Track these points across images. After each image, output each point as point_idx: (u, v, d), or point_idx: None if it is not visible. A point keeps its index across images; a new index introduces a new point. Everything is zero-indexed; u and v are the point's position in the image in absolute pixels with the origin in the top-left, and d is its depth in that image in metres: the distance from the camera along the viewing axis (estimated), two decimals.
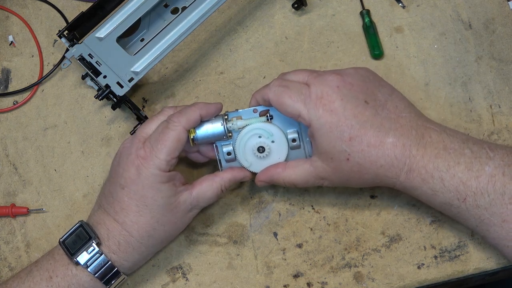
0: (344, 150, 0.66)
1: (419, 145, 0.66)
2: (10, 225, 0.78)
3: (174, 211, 0.69)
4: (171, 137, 0.68)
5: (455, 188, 0.65)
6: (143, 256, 0.71)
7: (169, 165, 0.68)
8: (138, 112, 0.77)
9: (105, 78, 0.75)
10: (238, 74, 0.82)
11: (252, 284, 0.74)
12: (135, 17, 0.78)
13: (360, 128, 0.65)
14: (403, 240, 0.74)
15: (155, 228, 0.69)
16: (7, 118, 0.83)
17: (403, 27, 0.83)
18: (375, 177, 0.67)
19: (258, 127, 0.71)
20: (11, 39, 0.85)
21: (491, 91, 0.79)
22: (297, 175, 0.70)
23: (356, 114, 0.66)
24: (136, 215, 0.68)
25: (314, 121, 0.66)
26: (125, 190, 0.68)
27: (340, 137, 0.65)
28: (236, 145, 0.71)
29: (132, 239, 0.69)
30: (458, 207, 0.65)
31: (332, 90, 0.66)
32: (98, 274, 0.68)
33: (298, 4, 0.83)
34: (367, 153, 0.65)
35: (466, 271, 0.73)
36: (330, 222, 0.76)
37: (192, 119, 0.69)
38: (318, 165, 0.68)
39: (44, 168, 0.80)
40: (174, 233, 0.72)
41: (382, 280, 0.73)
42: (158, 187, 0.68)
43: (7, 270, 0.77)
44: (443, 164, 0.65)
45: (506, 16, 0.82)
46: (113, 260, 0.69)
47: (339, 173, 0.68)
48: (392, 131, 0.66)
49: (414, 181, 0.66)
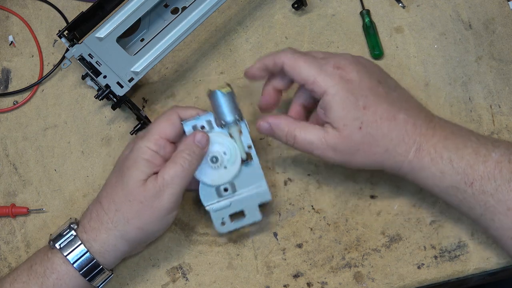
0: (357, 117, 0.66)
1: (428, 126, 0.67)
2: (10, 225, 0.78)
3: (141, 189, 0.67)
4: (163, 118, 0.70)
5: (463, 171, 0.65)
6: (110, 237, 0.68)
7: (156, 144, 0.68)
8: (138, 112, 0.77)
9: (105, 78, 0.75)
10: (238, 74, 0.82)
11: (252, 284, 0.74)
12: (135, 17, 0.78)
13: (374, 100, 0.66)
14: (403, 240, 0.74)
15: (123, 201, 0.67)
16: (7, 118, 0.83)
17: (403, 27, 0.83)
18: (384, 151, 0.67)
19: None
20: (11, 39, 0.85)
21: (491, 91, 0.79)
22: (307, 133, 0.68)
23: (371, 87, 0.67)
24: (112, 186, 0.69)
25: (330, 87, 0.66)
26: (116, 167, 0.71)
27: (355, 104, 0.66)
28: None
29: (102, 211, 0.68)
30: (465, 191, 0.65)
31: (349, 62, 0.68)
32: (68, 255, 0.68)
33: (298, 4, 0.83)
34: (379, 125, 0.66)
35: (466, 271, 0.73)
36: (330, 222, 0.76)
37: (188, 111, 0.71)
38: (330, 131, 0.67)
39: (44, 168, 0.80)
40: (142, 218, 0.68)
41: (382, 280, 0.73)
42: (137, 160, 0.68)
43: (7, 270, 0.77)
44: (452, 146, 0.66)
45: (506, 16, 0.82)
46: (84, 240, 0.68)
47: (349, 142, 0.67)
48: (403, 109, 0.67)
49: (423, 160, 0.66)
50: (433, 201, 0.75)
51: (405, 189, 0.76)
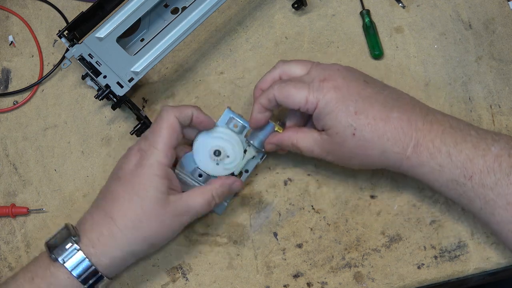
0: (350, 124, 0.66)
1: (424, 121, 0.67)
2: (10, 225, 0.78)
3: (162, 209, 0.68)
4: (163, 125, 0.69)
5: (462, 164, 0.65)
6: (123, 253, 0.68)
7: (167, 157, 0.68)
8: (138, 112, 0.77)
9: (105, 78, 0.75)
10: (238, 74, 0.82)
11: (252, 284, 0.74)
12: (135, 17, 0.78)
13: (365, 103, 0.67)
14: (403, 240, 0.74)
15: (141, 220, 0.67)
16: (7, 118, 0.83)
17: (403, 27, 0.83)
18: (381, 153, 0.67)
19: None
20: (11, 39, 0.85)
21: (491, 91, 0.79)
22: (306, 141, 0.70)
23: (359, 91, 0.67)
24: (126, 203, 0.67)
25: (320, 100, 0.67)
26: (121, 180, 0.69)
27: (345, 111, 0.66)
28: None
29: (116, 228, 0.67)
30: (464, 185, 0.65)
31: (333, 72, 0.69)
32: (74, 271, 0.66)
33: (298, 4, 0.83)
34: (374, 127, 0.66)
35: (466, 271, 0.73)
36: (330, 222, 0.76)
37: (184, 112, 0.70)
38: (324, 138, 0.69)
39: (44, 168, 0.80)
40: (159, 235, 0.69)
41: (382, 280, 0.73)
42: (153, 178, 0.67)
43: (7, 270, 0.77)
44: (450, 140, 0.66)
45: (506, 16, 0.82)
46: (91, 254, 0.67)
47: (344, 149, 0.68)
48: (396, 107, 0.67)
49: (421, 155, 0.66)
50: (433, 201, 0.75)
51: (405, 189, 0.76)
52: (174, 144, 0.69)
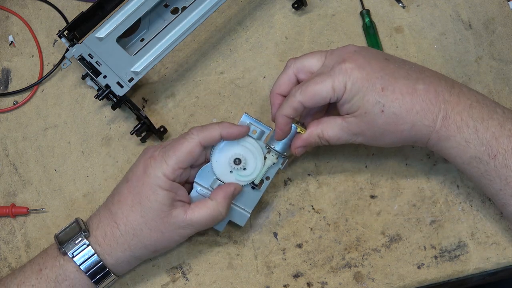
0: (377, 101, 0.65)
1: (451, 93, 0.66)
2: (10, 225, 0.78)
3: (165, 221, 0.68)
4: (184, 148, 0.68)
5: (487, 142, 0.64)
6: (125, 256, 0.69)
7: (174, 174, 0.68)
8: (138, 112, 0.77)
9: (105, 78, 0.75)
10: (238, 74, 0.82)
11: (252, 284, 0.74)
12: (135, 17, 0.78)
13: (390, 78, 0.66)
14: (403, 240, 0.74)
15: (142, 229, 0.68)
16: (7, 118, 0.83)
17: (403, 27, 0.83)
18: (411, 127, 0.66)
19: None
20: (11, 39, 0.85)
21: (491, 91, 0.79)
22: (331, 129, 0.68)
23: (382, 67, 0.66)
24: (129, 209, 0.68)
25: (347, 82, 0.66)
26: (128, 183, 0.69)
27: (372, 89, 0.65)
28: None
29: (118, 232, 0.68)
30: (487, 164, 0.65)
31: (351, 53, 0.67)
32: (83, 265, 0.68)
33: (298, 4, 0.83)
34: (402, 101, 0.65)
35: (466, 271, 0.73)
36: (330, 222, 0.76)
37: (210, 136, 0.69)
38: (351, 121, 0.67)
39: (44, 168, 0.80)
40: (160, 244, 0.70)
41: (382, 280, 0.73)
42: (156, 190, 0.68)
43: (7, 270, 0.77)
44: (478, 115, 0.65)
45: (506, 16, 0.82)
46: (97, 251, 0.68)
47: (374, 128, 0.67)
48: (421, 79, 0.66)
49: (450, 128, 0.65)
50: (433, 201, 0.75)
51: (405, 189, 0.76)
52: (186, 166, 0.69)
